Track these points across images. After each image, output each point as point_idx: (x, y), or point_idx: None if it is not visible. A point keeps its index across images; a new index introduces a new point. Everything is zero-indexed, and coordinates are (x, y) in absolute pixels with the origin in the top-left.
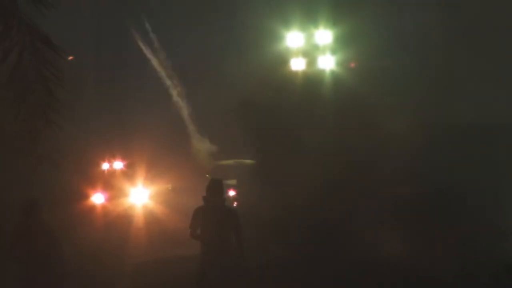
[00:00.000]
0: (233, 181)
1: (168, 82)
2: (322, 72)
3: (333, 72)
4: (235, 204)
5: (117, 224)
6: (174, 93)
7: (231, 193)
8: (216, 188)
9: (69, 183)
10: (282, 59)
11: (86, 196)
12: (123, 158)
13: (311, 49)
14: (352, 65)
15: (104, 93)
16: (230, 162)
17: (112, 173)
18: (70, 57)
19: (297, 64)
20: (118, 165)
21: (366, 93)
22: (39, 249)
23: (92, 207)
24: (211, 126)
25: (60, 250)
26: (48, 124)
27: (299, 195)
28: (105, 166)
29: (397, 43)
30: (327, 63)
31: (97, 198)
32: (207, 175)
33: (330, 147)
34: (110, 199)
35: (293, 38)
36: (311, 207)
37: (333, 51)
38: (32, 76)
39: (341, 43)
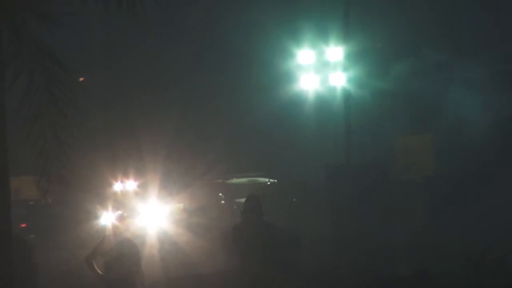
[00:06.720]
0: None
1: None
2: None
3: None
4: None
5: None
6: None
7: None
8: (255, 204)
9: (81, 202)
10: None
11: (98, 216)
12: (136, 177)
13: (322, 66)
14: None
15: (116, 112)
16: (243, 180)
17: (125, 193)
18: (81, 78)
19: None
20: (131, 185)
21: None
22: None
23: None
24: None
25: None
26: (59, 143)
27: None
28: (118, 186)
29: None
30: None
31: (109, 218)
32: (220, 194)
33: None
34: (121, 219)
35: (304, 56)
36: None
37: (345, 68)
38: (43, 96)
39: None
